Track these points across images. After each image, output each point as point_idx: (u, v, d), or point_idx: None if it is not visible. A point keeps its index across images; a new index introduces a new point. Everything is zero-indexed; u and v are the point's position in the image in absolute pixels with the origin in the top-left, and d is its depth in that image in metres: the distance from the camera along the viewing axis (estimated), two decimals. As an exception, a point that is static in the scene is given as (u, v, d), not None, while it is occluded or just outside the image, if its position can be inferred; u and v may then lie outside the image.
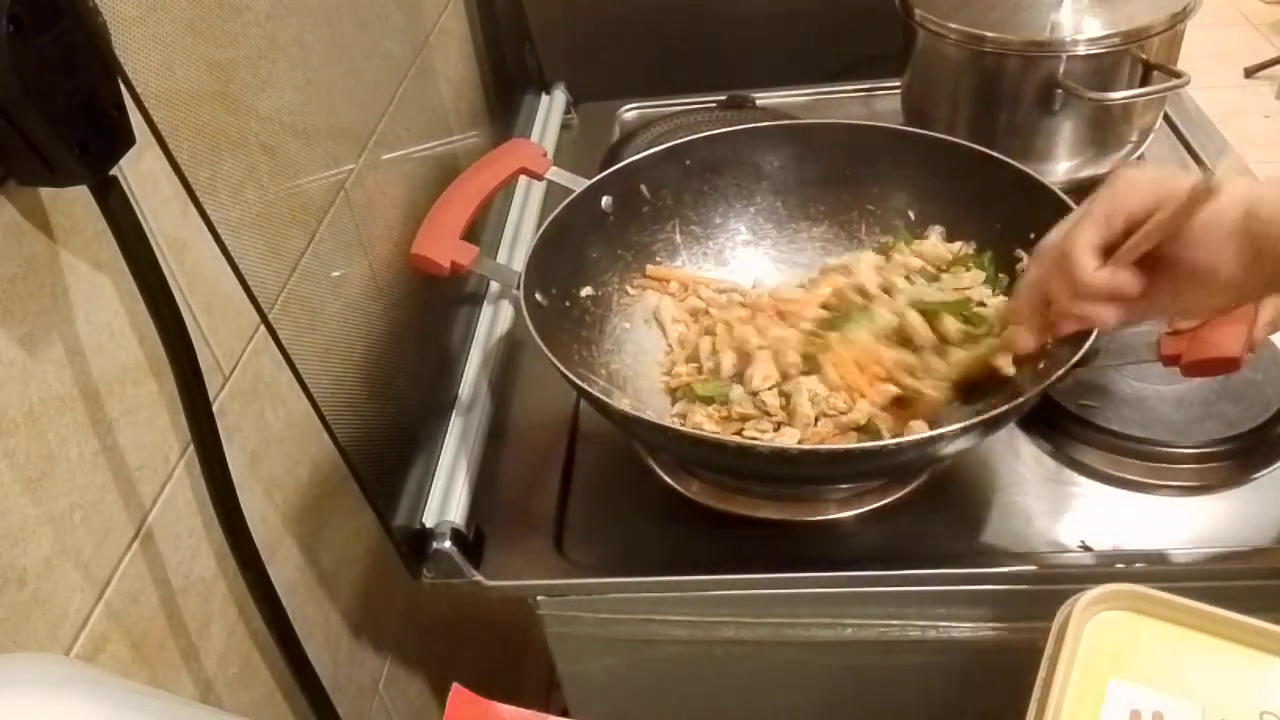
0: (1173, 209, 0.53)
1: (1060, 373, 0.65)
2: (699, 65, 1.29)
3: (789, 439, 0.73)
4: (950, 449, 0.71)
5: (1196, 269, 0.54)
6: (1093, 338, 0.66)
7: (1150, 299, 0.57)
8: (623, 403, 0.77)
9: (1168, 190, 0.54)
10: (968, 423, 0.65)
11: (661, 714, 0.86)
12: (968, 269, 0.83)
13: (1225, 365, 0.64)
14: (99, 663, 0.51)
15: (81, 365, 0.51)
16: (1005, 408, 0.65)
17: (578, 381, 0.70)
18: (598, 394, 0.72)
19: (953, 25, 0.96)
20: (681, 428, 0.71)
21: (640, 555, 0.76)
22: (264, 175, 0.66)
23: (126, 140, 0.49)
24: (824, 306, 0.80)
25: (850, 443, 0.72)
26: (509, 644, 1.22)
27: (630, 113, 1.28)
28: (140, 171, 0.54)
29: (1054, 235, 0.61)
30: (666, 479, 0.79)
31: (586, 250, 0.86)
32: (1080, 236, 0.57)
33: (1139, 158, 1.03)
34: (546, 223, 0.81)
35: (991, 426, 0.68)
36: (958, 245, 0.86)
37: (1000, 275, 0.82)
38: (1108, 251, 0.57)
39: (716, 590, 0.73)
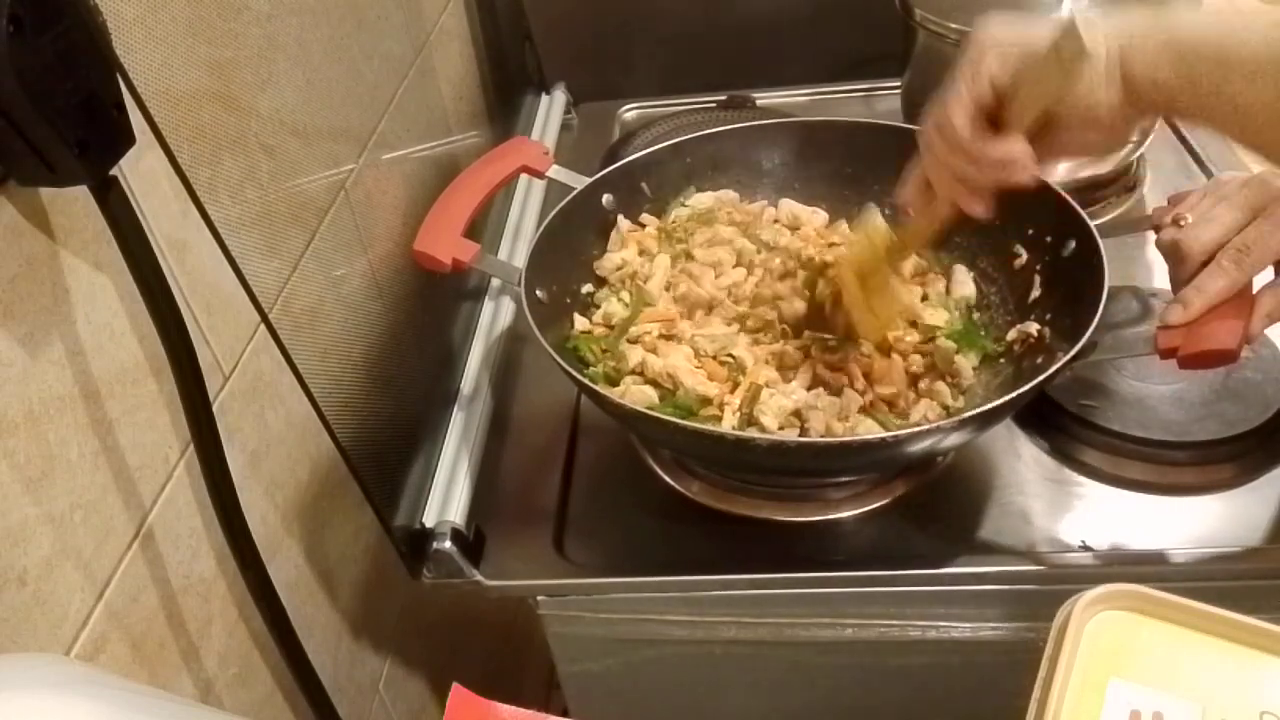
0: (1050, 79, 0.55)
1: (1056, 367, 0.65)
2: (699, 65, 1.29)
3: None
4: (948, 443, 0.71)
5: (1074, 119, 0.57)
6: (1089, 333, 0.67)
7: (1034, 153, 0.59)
8: (621, 397, 0.77)
9: (1027, 49, 0.56)
10: (964, 415, 0.65)
11: (661, 714, 0.86)
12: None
13: (1221, 358, 0.65)
14: (99, 663, 0.51)
15: (81, 365, 0.51)
16: (1001, 401, 0.65)
17: (577, 375, 0.70)
18: (597, 388, 0.72)
19: (953, 25, 0.95)
20: (680, 422, 0.71)
21: (640, 555, 0.76)
22: (264, 175, 0.66)
23: (126, 140, 0.49)
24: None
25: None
26: (509, 644, 1.22)
27: (630, 113, 1.28)
28: (140, 171, 0.54)
29: (929, 120, 0.62)
30: (667, 479, 0.79)
31: (588, 247, 0.86)
32: (955, 111, 0.59)
33: (1139, 158, 1.03)
34: (548, 219, 0.82)
35: (988, 420, 0.68)
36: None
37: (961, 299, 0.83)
38: (987, 119, 0.59)
39: (716, 590, 0.73)
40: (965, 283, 0.84)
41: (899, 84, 1.10)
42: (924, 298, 0.83)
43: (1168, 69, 0.54)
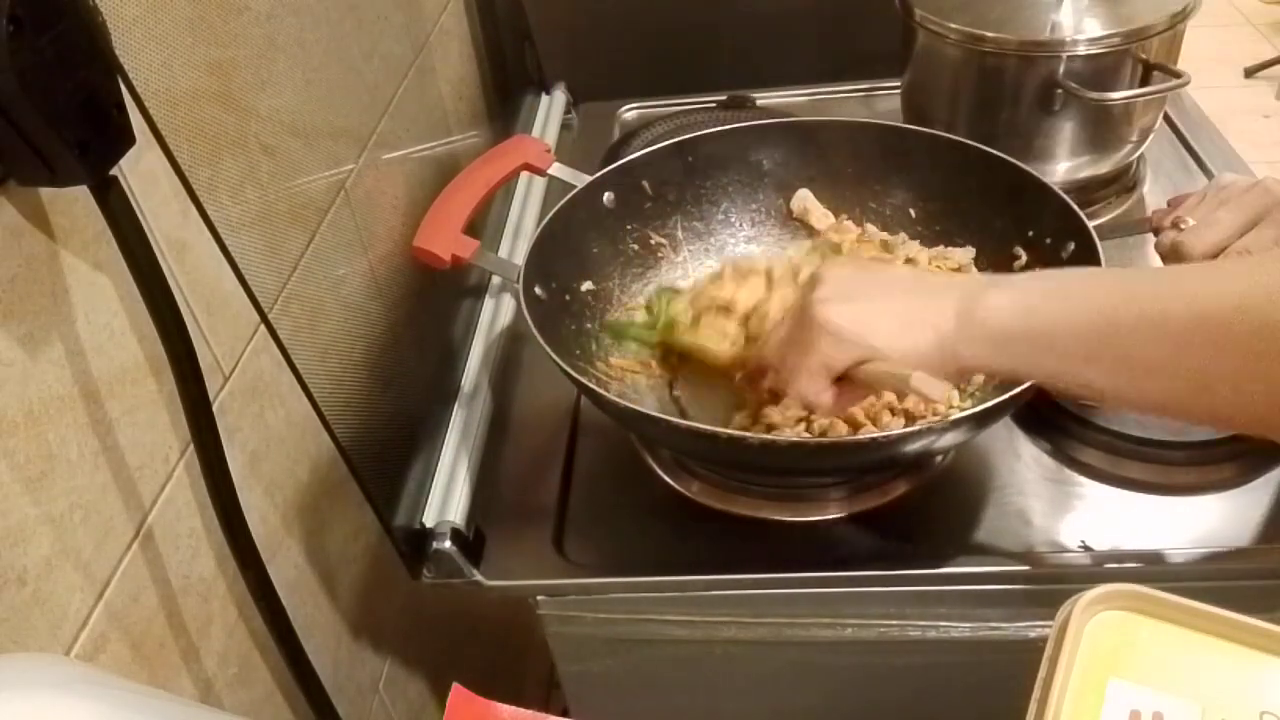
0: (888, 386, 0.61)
1: None
2: (699, 65, 1.29)
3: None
4: (943, 443, 0.71)
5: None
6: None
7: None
8: (619, 395, 0.77)
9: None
10: (959, 415, 0.65)
11: (661, 714, 0.86)
12: None
13: None
14: (99, 663, 0.51)
15: (81, 365, 0.51)
16: (997, 401, 0.65)
17: (574, 374, 0.70)
18: (595, 387, 0.72)
19: (953, 25, 0.95)
20: (676, 421, 0.71)
21: (640, 555, 0.76)
22: (264, 175, 0.66)
23: (126, 140, 0.49)
24: None
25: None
26: (509, 644, 1.22)
27: (630, 113, 1.28)
28: (140, 171, 0.54)
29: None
30: (667, 479, 0.79)
31: (588, 245, 0.86)
32: (814, 386, 0.62)
33: (1139, 158, 1.03)
34: (548, 217, 0.82)
35: (984, 420, 0.68)
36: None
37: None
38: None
39: (716, 590, 0.73)
40: None
41: (899, 84, 1.10)
42: None
43: (991, 356, 0.57)
